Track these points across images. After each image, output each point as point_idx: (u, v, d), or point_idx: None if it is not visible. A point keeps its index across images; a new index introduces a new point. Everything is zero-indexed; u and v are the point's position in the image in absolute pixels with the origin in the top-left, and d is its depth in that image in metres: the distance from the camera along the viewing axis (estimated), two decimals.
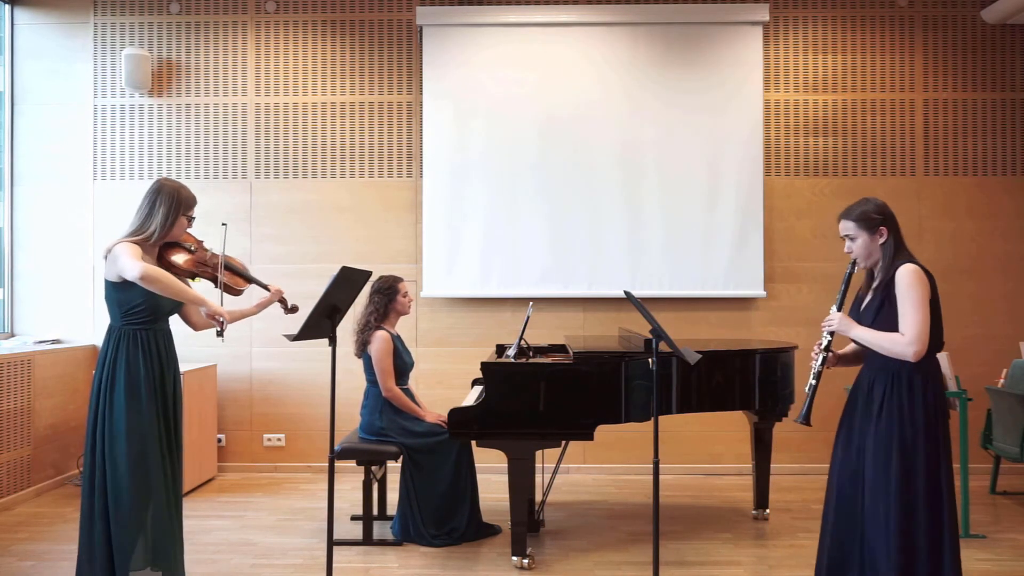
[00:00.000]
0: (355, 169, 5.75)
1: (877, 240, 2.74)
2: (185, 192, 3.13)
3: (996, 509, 4.78)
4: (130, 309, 3.02)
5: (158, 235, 3.05)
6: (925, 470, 2.59)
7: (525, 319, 4.20)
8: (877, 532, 2.61)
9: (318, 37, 5.76)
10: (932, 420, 2.62)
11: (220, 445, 5.66)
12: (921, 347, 2.58)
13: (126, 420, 2.96)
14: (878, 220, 2.74)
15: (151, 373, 3.02)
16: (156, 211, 3.05)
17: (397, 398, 4.18)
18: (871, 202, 2.79)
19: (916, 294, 2.61)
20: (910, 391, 2.62)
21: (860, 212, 2.76)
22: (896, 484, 2.59)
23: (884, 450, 2.62)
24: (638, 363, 3.74)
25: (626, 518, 4.57)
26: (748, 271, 5.55)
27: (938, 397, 2.65)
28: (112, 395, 2.99)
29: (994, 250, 5.70)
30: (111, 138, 5.75)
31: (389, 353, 4.19)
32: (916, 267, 2.65)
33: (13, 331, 5.71)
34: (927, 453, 2.60)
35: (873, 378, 2.71)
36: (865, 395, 2.72)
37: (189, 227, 3.19)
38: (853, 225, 2.78)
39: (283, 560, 3.88)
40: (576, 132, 5.59)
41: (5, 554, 3.97)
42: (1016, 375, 4.78)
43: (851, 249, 2.80)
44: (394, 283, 4.32)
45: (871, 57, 5.72)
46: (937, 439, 2.61)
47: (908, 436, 2.60)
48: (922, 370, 2.64)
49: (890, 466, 2.60)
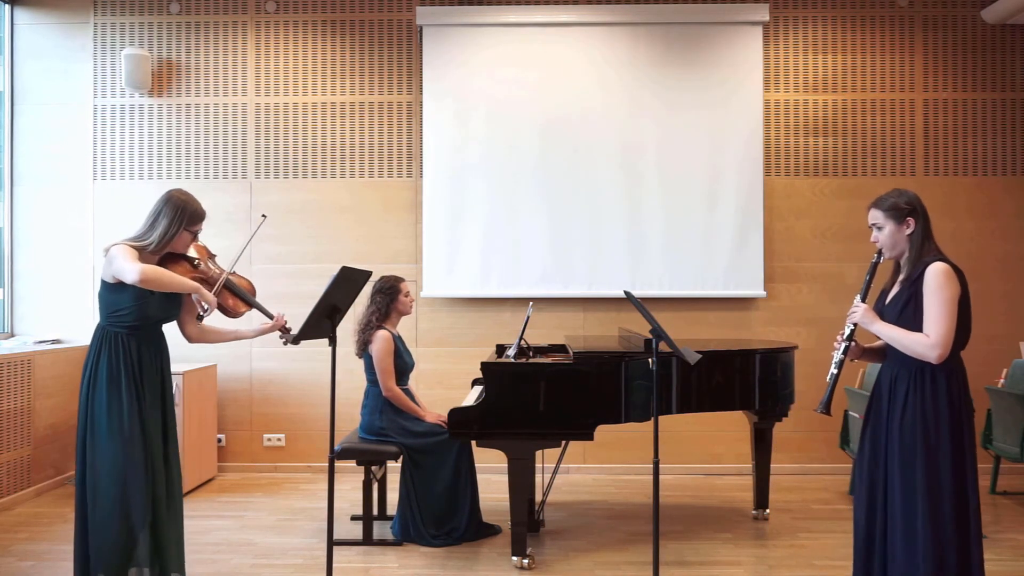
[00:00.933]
0: (355, 169, 5.75)
1: (904, 231, 2.70)
2: (192, 206, 3.07)
3: (996, 509, 4.78)
4: (116, 311, 3.00)
5: (156, 246, 3.03)
6: (951, 469, 2.55)
7: (525, 319, 4.20)
8: (905, 533, 2.58)
9: (318, 37, 5.76)
10: (957, 418, 2.58)
11: (220, 445, 5.66)
12: (944, 351, 2.54)
13: (107, 420, 2.94)
14: (906, 210, 2.69)
15: (132, 376, 2.98)
16: (159, 222, 3.03)
17: (397, 398, 4.19)
18: (904, 193, 2.74)
19: (945, 295, 2.55)
20: (934, 389, 2.58)
21: (890, 202, 2.72)
22: (922, 484, 2.55)
23: (909, 450, 2.58)
24: (638, 363, 3.74)
25: (626, 518, 4.57)
26: (748, 271, 5.55)
27: (963, 394, 2.61)
28: (94, 393, 2.97)
29: (994, 250, 5.70)
30: (111, 138, 5.75)
31: (390, 353, 4.19)
32: (947, 266, 2.60)
33: (13, 331, 5.71)
34: (953, 452, 2.56)
35: (895, 375, 2.67)
36: (888, 393, 2.68)
37: (195, 242, 3.17)
38: (881, 214, 2.74)
39: (283, 560, 3.88)
40: (576, 132, 5.59)
41: (5, 554, 3.98)
42: (1016, 375, 4.79)
43: (877, 238, 2.76)
44: (396, 283, 4.33)
45: (871, 57, 5.72)
46: (962, 437, 2.57)
47: (932, 435, 2.56)
48: (946, 367, 2.59)
49: (915, 465, 2.56)
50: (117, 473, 2.92)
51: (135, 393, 2.98)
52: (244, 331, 3.33)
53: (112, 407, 2.95)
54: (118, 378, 2.96)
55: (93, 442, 2.95)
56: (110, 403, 2.95)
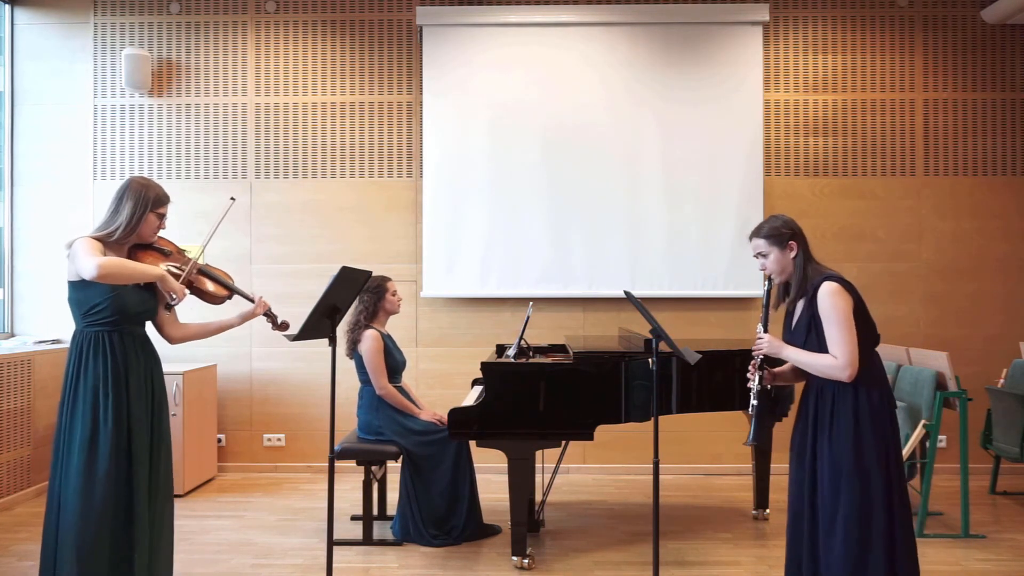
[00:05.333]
0: (355, 169, 5.75)
1: (788, 254, 2.80)
2: (155, 190, 2.92)
3: (996, 509, 4.78)
4: (91, 310, 2.81)
5: (123, 232, 2.85)
6: (881, 472, 2.60)
7: (525, 319, 4.20)
8: (832, 539, 2.62)
9: (318, 37, 5.76)
10: (880, 421, 2.63)
11: (220, 445, 5.66)
12: (853, 369, 2.60)
13: (80, 431, 2.76)
14: (788, 234, 2.79)
15: (118, 380, 2.80)
16: (122, 208, 2.86)
17: (391, 395, 4.19)
18: (779, 218, 2.84)
19: (839, 314, 2.62)
20: (855, 398, 2.64)
21: (769, 228, 2.82)
22: (853, 489, 2.60)
23: (837, 460, 2.63)
24: (638, 363, 3.74)
25: (626, 518, 4.57)
26: (748, 271, 5.54)
27: (883, 396, 2.67)
28: (74, 406, 2.79)
29: (994, 250, 5.70)
30: (111, 138, 5.75)
31: (380, 351, 4.19)
32: (834, 283, 2.67)
33: (13, 331, 5.71)
34: (878, 454, 2.61)
35: (820, 388, 2.73)
36: (813, 407, 2.74)
37: (162, 227, 2.98)
38: (764, 242, 2.83)
39: (283, 560, 3.88)
40: (576, 132, 5.59)
41: (5, 554, 3.98)
42: (1016, 375, 4.78)
43: (764, 266, 2.86)
44: (382, 283, 4.32)
45: (871, 57, 5.72)
46: (886, 438, 2.64)
47: (861, 442, 2.62)
48: (867, 374, 2.65)
49: (841, 474, 2.61)
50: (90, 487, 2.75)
51: (122, 399, 2.80)
52: (229, 319, 3.12)
53: (94, 419, 2.76)
54: (105, 386, 2.78)
55: (67, 455, 2.77)
56: (93, 415, 2.77)
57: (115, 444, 2.79)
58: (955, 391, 4.19)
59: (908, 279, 5.69)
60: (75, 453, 2.78)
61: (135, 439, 2.84)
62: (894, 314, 5.62)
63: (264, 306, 3.11)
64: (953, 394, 4.18)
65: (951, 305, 5.70)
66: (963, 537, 4.19)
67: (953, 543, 4.12)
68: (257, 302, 3.11)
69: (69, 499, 2.77)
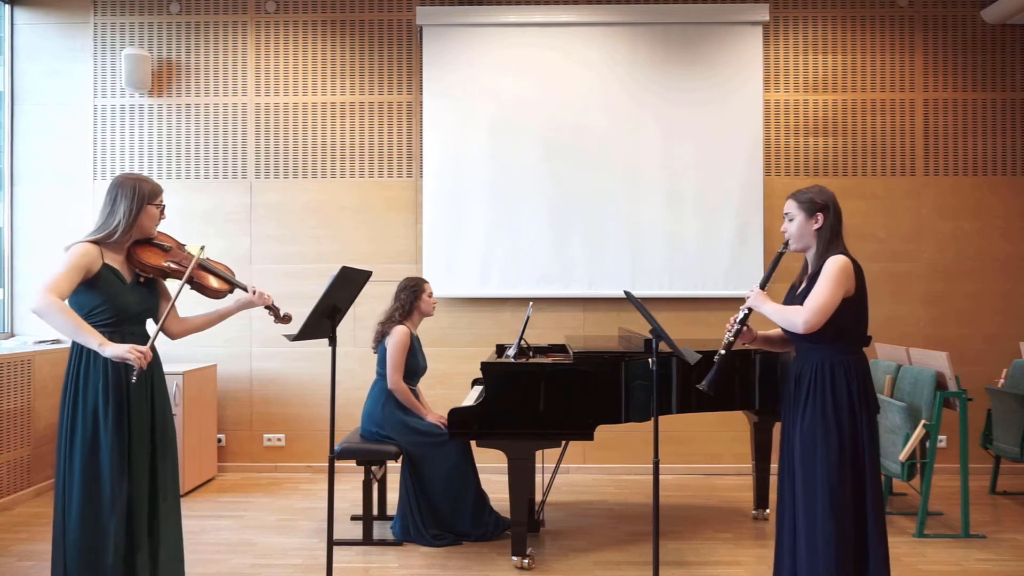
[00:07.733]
0: (355, 169, 5.75)
1: (812, 224, 2.77)
2: (148, 183, 2.89)
3: (996, 509, 4.78)
4: (90, 312, 2.76)
5: (123, 229, 2.82)
6: (851, 465, 2.62)
7: (525, 319, 4.20)
8: (807, 530, 2.65)
9: (318, 37, 5.76)
10: (856, 415, 2.64)
11: (220, 445, 5.66)
12: (813, 319, 2.60)
13: (82, 432, 2.75)
14: (819, 206, 2.76)
15: (120, 380, 2.78)
16: (117, 206, 2.83)
17: (402, 392, 4.19)
18: (823, 191, 2.81)
19: (833, 280, 2.62)
20: (833, 384, 2.65)
21: (807, 196, 2.80)
22: (822, 481, 2.62)
23: (809, 447, 2.66)
24: (638, 363, 3.74)
25: (626, 518, 4.57)
26: (748, 271, 5.54)
27: (863, 393, 2.67)
28: (75, 407, 2.76)
29: (994, 250, 5.70)
30: (111, 138, 5.75)
31: (405, 348, 4.19)
32: (847, 260, 2.67)
33: (13, 331, 5.71)
34: (852, 446, 2.63)
35: (800, 369, 2.75)
36: (792, 388, 2.76)
37: (162, 218, 2.95)
38: (795, 205, 2.81)
39: (283, 560, 3.88)
40: (576, 132, 5.59)
41: (5, 554, 3.97)
42: (1016, 375, 4.78)
43: (786, 229, 2.85)
44: (419, 283, 4.38)
45: (871, 57, 5.72)
46: (859, 433, 2.64)
47: (832, 428, 2.63)
48: (846, 364, 2.67)
49: (815, 461, 2.63)
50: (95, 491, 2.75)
51: (122, 402, 2.78)
52: (227, 307, 3.06)
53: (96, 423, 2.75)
54: (105, 387, 2.75)
55: (69, 459, 2.76)
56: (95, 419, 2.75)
57: (116, 445, 2.79)
58: (955, 391, 4.19)
59: (908, 279, 5.69)
60: (77, 454, 2.78)
61: (135, 440, 2.84)
62: (894, 314, 5.62)
63: (266, 300, 3.05)
64: (953, 394, 4.17)
65: (951, 305, 5.70)
66: (963, 537, 4.19)
67: (953, 543, 4.12)
68: (257, 295, 3.05)
69: (73, 500, 2.78)
